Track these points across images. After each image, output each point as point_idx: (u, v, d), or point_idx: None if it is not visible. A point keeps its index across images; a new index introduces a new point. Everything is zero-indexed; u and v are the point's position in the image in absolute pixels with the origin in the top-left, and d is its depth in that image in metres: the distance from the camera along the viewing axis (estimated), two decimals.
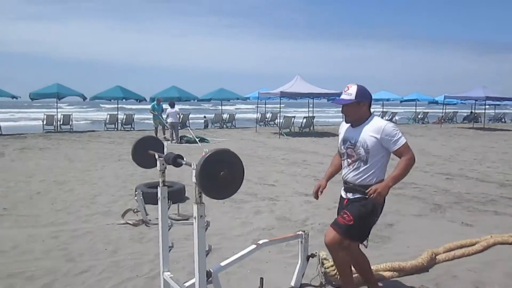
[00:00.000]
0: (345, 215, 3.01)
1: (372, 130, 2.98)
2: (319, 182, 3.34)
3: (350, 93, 3.03)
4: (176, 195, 6.46)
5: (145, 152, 3.10)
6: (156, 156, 2.93)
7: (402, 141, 2.96)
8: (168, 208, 3.05)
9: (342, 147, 3.17)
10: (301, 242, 3.48)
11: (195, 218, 2.41)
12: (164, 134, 16.92)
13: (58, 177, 8.56)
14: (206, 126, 24.38)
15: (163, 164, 2.92)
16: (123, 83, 23.36)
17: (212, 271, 2.87)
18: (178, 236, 4.74)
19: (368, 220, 3.06)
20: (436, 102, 32.83)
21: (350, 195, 3.12)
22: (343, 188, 3.20)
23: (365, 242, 3.21)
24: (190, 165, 2.39)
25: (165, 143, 3.22)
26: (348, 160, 3.12)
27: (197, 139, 15.35)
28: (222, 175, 2.21)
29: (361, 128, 3.04)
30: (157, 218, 5.47)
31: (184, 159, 2.79)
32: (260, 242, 3.33)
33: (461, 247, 4.46)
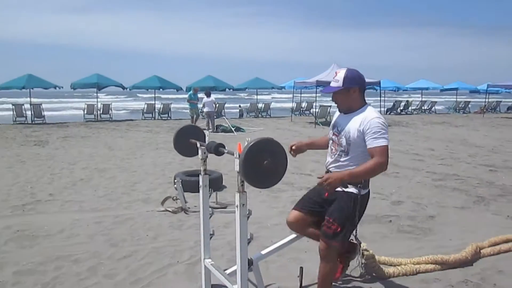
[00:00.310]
0: (330, 225, 2.80)
1: (359, 120, 2.74)
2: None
3: (337, 79, 2.79)
4: (214, 183, 6.52)
5: (187, 140, 3.13)
6: (198, 145, 2.96)
7: (382, 142, 2.63)
8: (209, 196, 3.07)
9: (330, 132, 2.99)
10: None
11: (237, 206, 2.42)
12: (195, 123, 17.09)
13: (99, 164, 8.82)
14: (241, 116, 24.45)
15: (204, 153, 2.94)
16: (160, 73, 23.76)
17: (253, 259, 2.88)
18: (217, 224, 4.79)
19: (354, 217, 2.82)
20: (478, 91, 31.64)
21: None
22: None
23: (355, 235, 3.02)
24: (233, 154, 2.40)
25: (207, 133, 3.24)
26: (332, 148, 2.92)
27: (232, 128, 15.46)
28: (265, 164, 2.20)
29: (350, 117, 2.81)
30: (196, 206, 5.60)
31: (226, 147, 2.80)
32: None
33: (507, 241, 4.30)
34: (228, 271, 2.97)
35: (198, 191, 6.14)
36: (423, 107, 28.96)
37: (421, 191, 6.59)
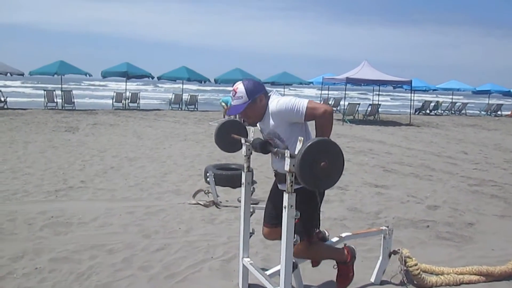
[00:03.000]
0: None
1: (273, 116, 2.69)
2: None
3: (240, 96, 2.70)
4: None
5: (228, 135, 3.06)
6: (243, 141, 2.88)
7: (304, 104, 2.56)
8: (252, 194, 3.00)
9: (264, 136, 2.92)
10: (384, 237, 3.32)
11: (285, 207, 2.33)
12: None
13: (129, 153, 8.87)
14: None
15: (249, 150, 2.86)
16: (188, 64, 23.78)
17: (297, 262, 2.79)
18: None
19: (311, 209, 2.79)
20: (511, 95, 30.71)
21: (283, 186, 2.74)
22: (275, 179, 2.94)
23: (323, 231, 3.03)
24: (283, 154, 2.31)
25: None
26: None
27: None
28: (322, 165, 2.10)
29: (267, 118, 2.75)
30: (228, 201, 5.55)
31: (273, 145, 2.72)
32: (343, 235, 3.21)
33: None
34: (268, 272, 2.89)
35: (229, 185, 6.13)
36: (453, 109, 28.26)
37: (457, 196, 6.37)
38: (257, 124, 2.92)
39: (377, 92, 23.72)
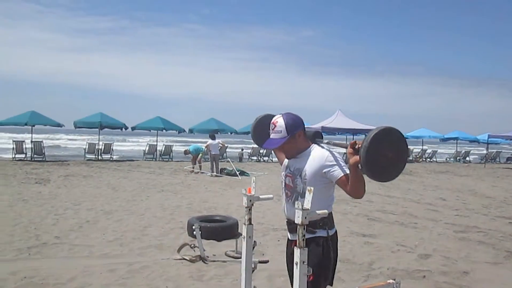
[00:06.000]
0: None
1: (314, 158, 2.59)
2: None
3: (279, 130, 2.61)
4: (229, 230, 6.23)
5: (264, 131, 2.94)
6: (243, 191, 2.72)
7: (347, 169, 2.46)
8: (254, 248, 2.80)
9: (282, 174, 2.80)
10: None
11: (296, 263, 2.15)
12: (195, 163, 16.93)
13: (105, 206, 8.49)
14: (240, 159, 24.14)
15: (250, 201, 2.70)
16: (163, 115, 23.54)
17: None
18: (238, 275, 4.46)
19: (326, 264, 2.58)
20: (478, 141, 31.84)
21: (295, 236, 2.49)
22: (287, 228, 2.76)
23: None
24: (299, 201, 2.15)
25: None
26: (287, 192, 2.72)
27: (237, 172, 15.19)
28: (390, 156, 2.05)
29: (302, 157, 2.64)
30: (215, 255, 5.27)
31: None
32: None
33: None
34: None
35: (214, 238, 5.88)
36: (423, 156, 28.96)
37: (445, 244, 6.29)
38: (287, 161, 2.79)
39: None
